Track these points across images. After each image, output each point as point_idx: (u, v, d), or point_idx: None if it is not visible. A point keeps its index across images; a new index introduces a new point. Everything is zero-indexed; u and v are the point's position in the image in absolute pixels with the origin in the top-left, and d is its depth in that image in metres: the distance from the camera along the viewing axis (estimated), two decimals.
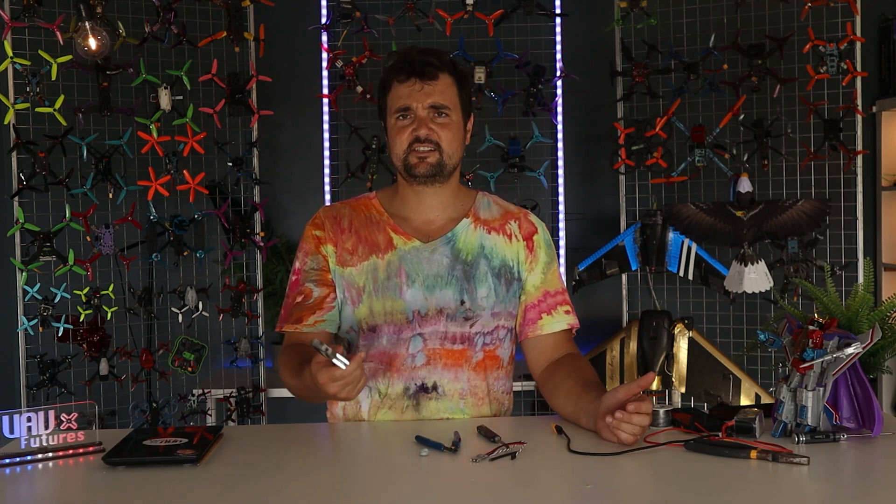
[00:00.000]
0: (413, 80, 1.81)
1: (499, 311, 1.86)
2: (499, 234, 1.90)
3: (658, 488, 1.37)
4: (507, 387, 1.94)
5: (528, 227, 1.94)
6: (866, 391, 1.56)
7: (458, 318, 1.83)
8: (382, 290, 1.83)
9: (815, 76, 3.42)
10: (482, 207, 1.93)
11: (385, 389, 1.83)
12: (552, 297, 1.90)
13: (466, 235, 1.88)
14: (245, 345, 3.52)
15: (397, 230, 1.87)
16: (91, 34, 3.06)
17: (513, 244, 1.90)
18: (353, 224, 1.89)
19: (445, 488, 1.40)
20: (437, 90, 1.81)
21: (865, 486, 1.42)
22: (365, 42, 3.50)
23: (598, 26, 3.76)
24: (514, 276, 1.89)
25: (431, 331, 1.83)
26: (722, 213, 3.41)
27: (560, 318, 1.90)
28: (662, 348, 3.41)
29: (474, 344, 1.85)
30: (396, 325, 1.82)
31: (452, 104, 1.83)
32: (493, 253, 1.88)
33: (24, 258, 3.26)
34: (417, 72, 1.80)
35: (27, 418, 1.52)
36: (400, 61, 1.84)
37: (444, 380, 1.83)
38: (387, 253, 1.85)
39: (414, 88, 1.81)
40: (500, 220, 1.92)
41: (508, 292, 1.88)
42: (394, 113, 1.83)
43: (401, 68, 1.82)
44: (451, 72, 1.84)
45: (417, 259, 1.84)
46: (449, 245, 1.86)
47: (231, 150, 3.51)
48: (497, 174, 3.59)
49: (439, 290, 1.83)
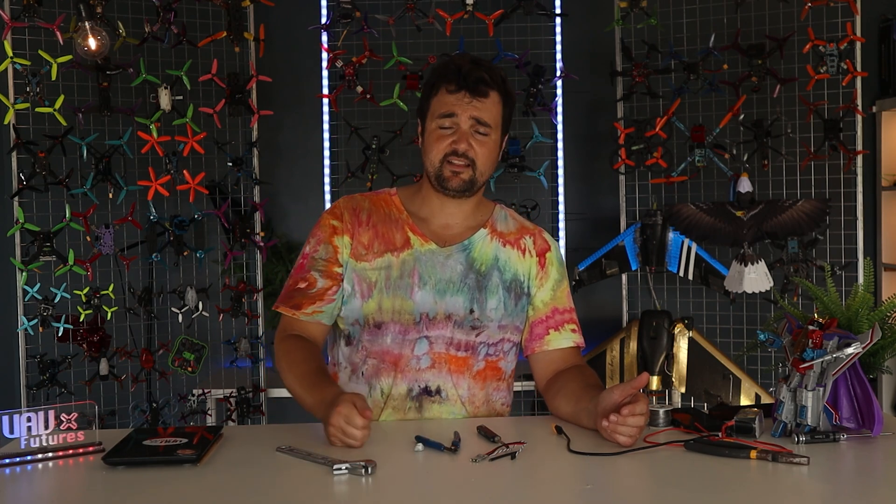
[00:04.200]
0: (463, 92, 1.79)
1: (506, 324, 1.87)
2: (513, 248, 1.91)
3: (658, 488, 1.37)
4: (507, 399, 1.94)
5: (542, 244, 1.94)
6: (866, 391, 1.56)
7: (465, 326, 1.83)
8: (394, 288, 1.83)
9: (815, 76, 3.42)
10: (499, 220, 1.94)
11: (388, 389, 1.84)
12: (560, 314, 1.91)
13: (482, 246, 1.88)
14: (245, 345, 3.52)
15: (415, 230, 1.87)
16: (91, 34, 3.05)
17: (526, 259, 1.91)
18: (372, 218, 1.89)
19: (445, 488, 1.40)
20: (486, 107, 1.80)
21: (865, 486, 1.42)
22: (365, 42, 3.49)
23: (598, 26, 3.76)
24: (524, 290, 1.90)
25: (437, 335, 1.83)
26: (722, 213, 3.41)
27: (566, 336, 1.91)
28: (662, 348, 3.41)
29: (477, 353, 1.85)
30: (403, 325, 1.82)
31: (495, 123, 1.83)
32: (506, 266, 1.88)
33: (24, 258, 3.26)
34: (470, 87, 1.79)
35: (27, 418, 1.52)
36: (452, 69, 1.81)
37: (447, 384, 1.83)
38: (402, 252, 1.85)
39: (463, 101, 1.80)
40: (515, 234, 1.93)
41: (517, 307, 1.88)
42: (436, 118, 1.82)
43: (453, 78, 1.80)
44: (500, 90, 1.83)
45: (432, 262, 1.84)
46: (464, 253, 1.86)
47: (231, 150, 3.51)
48: (497, 174, 3.59)
49: (450, 295, 1.83)
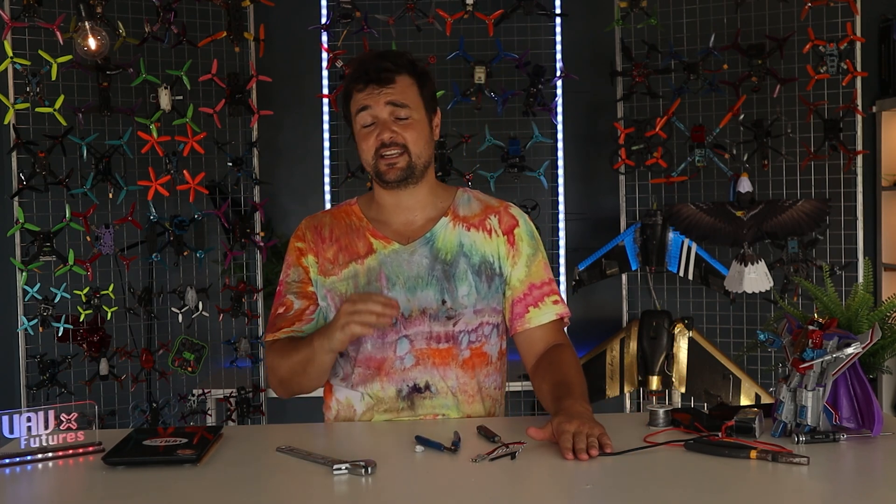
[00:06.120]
0: (371, 87, 1.80)
1: (481, 307, 1.85)
2: (478, 230, 1.88)
3: (658, 488, 1.37)
4: (499, 382, 1.93)
5: (509, 220, 1.90)
6: (866, 391, 1.56)
7: (440, 317, 1.82)
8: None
9: (815, 76, 3.42)
10: (461, 204, 1.91)
11: (378, 393, 1.83)
12: (538, 288, 1.88)
13: (445, 234, 1.87)
14: (245, 345, 3.53)
15: (376, 234, 1.87)
16: (91, 34, 3.06)
17: (492, 240, 1.88)
18: (334, 232, 1.90)
19: (445, 488, 1.40)
20: (398, 91, 1.80)
21: (865, 486, 1.42)
22: (365, 42, 3.49)
23: (598, 26, 3.76)
24: (496, 271, 1.87)
25: (416, 332, 1.82)
26: (722, 213, 3.41)
27: (548, 310, 1.88)
28: (662, 348, 3.41)
29: (459, 342, 1.84)
30: (380, 330, 1.80)
31: (413, 103, 1.82)
32: (472, 250, 1.86)
33: (24, 258, 3.26)
34: (374, 78, 1.79)
35: (27, 418, 1.52)
36: (356, 69, 1.83)
37: (434, 378, 1.83)
38: (366, 258, 1.85)
39: (374, 93, 1.80)
40: (479, 215, 1.90)
41: (490, 289, 1.86)
42: (357, 120, 1.83)
43: (358, 77, 1.81)
44: (410, 71, 1.83)
45: (397, 262, 1.84)
46: (428, 245, 1.85)
47: (231, 150, 3.51)
48: (497, 174, 3.59)
49: (420, 290, 1.82)
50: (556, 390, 1.71)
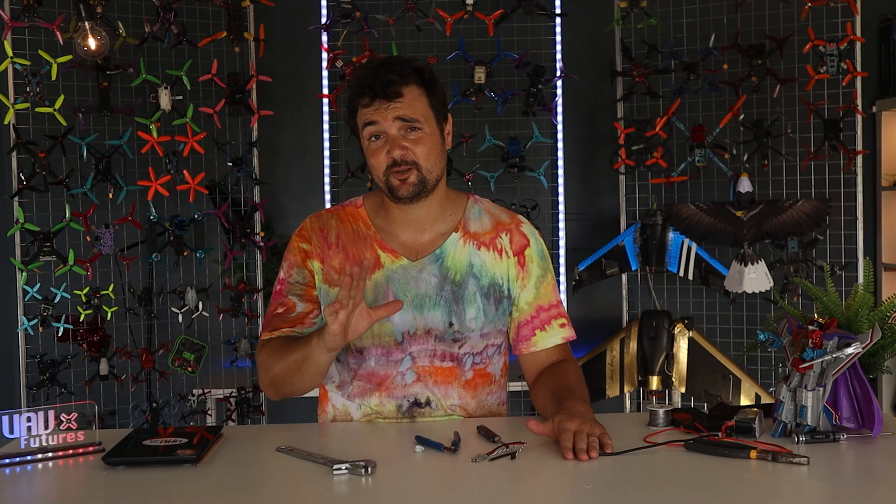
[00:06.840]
0: (378, 101, 1.71)
1: (488, 331, 1.82)
2: (489, 249, 1.83)
3: (658, 488, 1.37)
4: (502, 398, 1.92)
5: (520, 240, 1.85)
6: (866, 391, 1.56)
7: (446, 339, 1.79)
8: None
9: (815, 76, 3.42)
10: (472, 218, 1.85)
11: (376, 408, 1.81)
12: (546, 311, 1.85)
13: (455, 252, 1.81)
14: (245, 345, 3.53)
15: (384, 247, 1.80)
16: (91, 34, 3.06)
17: (503, 261, 1.83)
18: (341, 239, 1.83)
19: (445, 488, 1.40)
20: (406, 104, 1.71)
21: (865, 486, 1.42)
22: (365, 42, 3.49)
23: (598, 26, 3.76)
24: (504, 294, 1.83)
25: (420, 349, 1.79)
26: (722, 213, 3.41)
27: (555, 333, 1.85)
28: (662, 348, 3.41)
29: (463, 363, 1.81)
30: (385, 348, 1.78)
31: (423, 115, 1.73)
32: (482, 271, 1.81)
33: (24, 258, 3.26)
34: (380, 93, 1.70)
35: (27, 418, 1.52)
36: (360, 83, 1.72)
37: (436, 395, 1.80)
38: (374, 273, 1.79)
39: (381, 108, 1.71)
40: (490, 233, 1.84)
41: (497, 311, 1.83)
42: (365, 135, 1.75)
43: (363, 92, 1.72)
44: (417, 81, 1.74)
45: (405, 279, 1.79)
46: (437, 263, 1.80)
47: (231, 150, 3.51)
48: (497, 174, 3.59)
49: (428, 310, 1.78)
50: (557, 393, 1.70)
